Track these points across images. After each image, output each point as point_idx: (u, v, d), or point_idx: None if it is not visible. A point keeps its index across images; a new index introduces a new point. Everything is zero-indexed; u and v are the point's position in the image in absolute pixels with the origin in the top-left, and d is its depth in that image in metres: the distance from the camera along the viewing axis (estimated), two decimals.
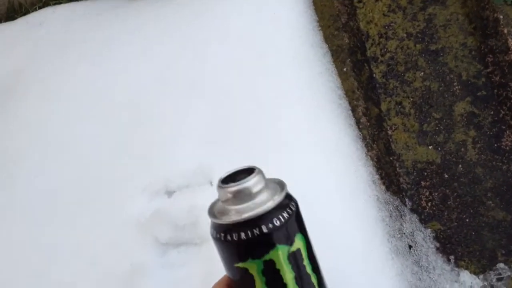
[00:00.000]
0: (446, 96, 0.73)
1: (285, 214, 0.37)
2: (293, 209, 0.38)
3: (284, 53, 0.74)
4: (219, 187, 0.37)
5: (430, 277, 0.64)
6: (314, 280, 0.39)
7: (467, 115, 0.71)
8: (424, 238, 0.67)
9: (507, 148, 0.68)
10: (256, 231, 0.36)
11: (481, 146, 0.69)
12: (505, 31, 0.69)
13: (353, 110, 0.72)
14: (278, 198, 0.37)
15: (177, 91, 0.76)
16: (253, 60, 0.73)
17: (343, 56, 0.75)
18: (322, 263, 0.58)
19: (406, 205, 0.69)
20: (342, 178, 0.66)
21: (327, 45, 0.75)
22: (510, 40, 0.68)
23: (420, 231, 0.67)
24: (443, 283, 0.64)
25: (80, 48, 0.85)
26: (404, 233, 0.66)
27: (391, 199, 0.68)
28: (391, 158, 0.72)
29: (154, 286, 0.61)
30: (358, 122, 0.71)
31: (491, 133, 0.69)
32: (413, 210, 0.69)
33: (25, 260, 0.70)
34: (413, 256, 0.65)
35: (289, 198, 0.38)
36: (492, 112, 0.70)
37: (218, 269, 0.57)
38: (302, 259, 0.38)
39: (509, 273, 0.64)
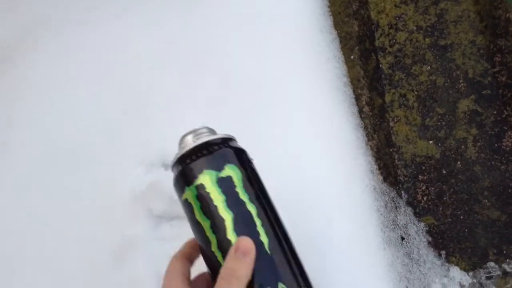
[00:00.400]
0: (451, 92, 0.72)
1: (215, 147, 0.43)
2: (227, 148, 0.43)
3: (292, 36, 0.74)
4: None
5: (420, 270, 0.64)
6: (251, 208, 0.41)
7: (470, 113, 0.71)
8: (417, 232, 0.67)
9: (507, 148, 0.68)
10: (188, 161, 0.42)
11: (481, 144, 0.69)
12: None
13: (357, 98, 0.72)
14: (207, 138, 0.43)
15: (179, 64, 0.75)
16: (261, 39, 0.73)
17: (351, 43, 0.74)
18: (314, 248, 0.58)
19: (402, 197, 0.69)
20: (340, 165, 0.66)
21: (336, 32, 0.75)
22: None
23: (414, 224, 0.67)
24: (432, 277, 0.64)
25: (86, 15, 0.84)
26: (398, 225, 0.66)
27: (388, 190, 0.68)
28: (390, 150, 0.72)
29: (145, 258, 0.61)
30: (360, 111, 0.71)
31: (493, 132, 0.69)
32: (408, 203, 0.69)
33: (14, 227, 0.70)
34: (405, 248, 0.65)
35: (225, 142, 0.44)
36: (495, 112, 0.70)
37: None
38: (234, 186, 0.42)
39: (499, 272, 0.64)
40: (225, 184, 0.42)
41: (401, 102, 0.74)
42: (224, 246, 0.40)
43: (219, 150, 0.43)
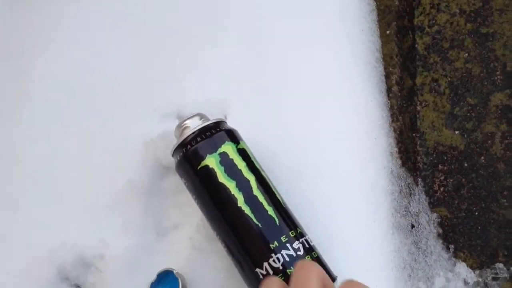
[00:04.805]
0: (486, 83, 0.69)
1: (213, 131, 0.52)
2: (221, 131, 0.53)
3: (326, 1, 0.70)
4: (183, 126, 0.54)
5: (426, 260, 0.62)
6: (263, 174, 0.53)
7: (503, 108, 0.68)
8: (428, 221, 0.65)
9: None
10: (208, 133, 0.52)
11: (509, 142, 0.66)
12: None
13: (387, 76, 0.68)
14: (202, 125, 0.53)
15: (203, 21, 0.72)
16: (290, 2, 0.69)
17: (389, 18, 0.71)
18: (320, 221, 0.56)
19: (418, 185, 0.66)
20: (361, 142, 0.63)
21: (375, 3, 0.71)
22: None
23: (426, 213, 0.65)
24: (437, 269, 0.62)
25: None
26: (410, 212, 0.64)
27: (405, 175, 0.65)
28: (413, 134, 0.69)
29: (147, 206, 0.60)
30: (389, 90, 0.68)
31: None
32: (423, 191, 0.66)
33: (21, 164, 0.68)
34: (413, 236, 0.63)
35: (216, 126, 0.53)
36: None
37: None
38: (249, 156, 0.53)
39: (506, 275, 0.62)
40: (242, 154, 0.52)
41: (432, 86, 0.70)
42: (251, 201, 0.49)
43: (232, 129, 0.55)
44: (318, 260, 0.50)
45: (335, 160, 0.61)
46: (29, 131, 0.68)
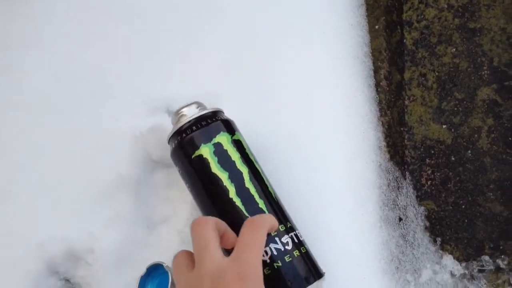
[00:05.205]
0: (473, 78, 0.70)
1: (209, 120, 0.52)
2: (217, 121, 0.53)
3: None
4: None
5: (413, 253, 0.63)
6: (257, 166, 0.53)
7: (489, 102, 0.68)
8: (416, 215, 0.66)
9: None
10: (204, 123, 0.52)
11: (495, 136, 0.67)
12: None
13: (376, 71, 0.69)
14: (199, 114, 0.53)
15: (194, 15, 0.72)
16: None
17: (378, 13, 0.71)
18: (310, 213, 0.56)
19: (405, 178, 0.67)
20: (349, 136, 0.63)
21: None
22: None
23: (414, 206, 0.66)
24: (424, 261, 0.63)
25: None
26: (398, 205, 0.65)
27: (393, 169, 0.66)
28: (402, 129, 0.69)
29: (136, 200, 0.60)
30: (377, 85, 0.68)
31: (509, 125, 0.67)
32: (411, 185, 0.67)
33: (9, 158, 0.68)
34: (401, 229, 0.64)
35: (212, 115, 0.53)
36: None
37: None
38: (243, 148, 0.53)
39: (492, 267, 0.63)
40: (237, 145, 0.52)
41: (420, 81, 0.71)
42: (243, 193, 0.49)
43: (228, 119, 0.54)
44: (307, 255, 0.50)
45: (323, 154, 0.62)
46: (17, 125, 0.68)
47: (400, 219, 0.64)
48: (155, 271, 0.56)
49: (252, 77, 0.67)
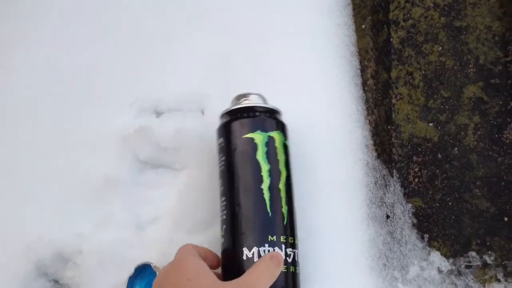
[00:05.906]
0: (459, 76, 0.70)
1: (272, 115, 0.55)
2: (278, 120, 0.56)
3: None
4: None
5: (400, 250, 0.63)
6: (283, 170, 0.53)
7: (475, 100, 0.69)
8: (403, 212, 0.66)
9: (507, 141, 0.67)
10: (268, 114, 0.54)
11: (481, 133, 0.68)
12: None
13: (362, 70, 0.69)
14: (266, 105, 0.55)
15: (180, 15, 0.72)
16: None
17: (364, 12, 0.71)
18: (298, 214, 0.56)
19: (393, 176, 0.68)
20: (337, 135, 0.64)
21: None
22: None
23: (401, 204, 0.66)
24: (412, 258, 0.63)
25: None
26: (385, 203, 0.65)
27: (380, 167, 0.66)
28: (389, 127, 0.70)
29: (124, 200, 0.60)
30: (364, 84, 0.69)
31: (495, 122, 0.67)
32: (398, 182, 0.67)
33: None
34: (388, 226, 0.64)
35: (275, 112, 0.56)
36: (501, 102, 0.68)
37: (194, 197, 0.55)
38: (288, 155, 0.55)
39: (479, 263, 0.63)
40: (285, 149, 0.54)
41: (406, 80, 0.72)
42: (274, 191, 0.50)
43: (285, 123, 0.56)
44: (294, 275, 0.50)
45: (310, 152, 0.62)
46: (4, 126, 0.68)
47: (388, 217, 0.64)
48: (144, 271, 0.56)
49: (239, 77, 0.67)
